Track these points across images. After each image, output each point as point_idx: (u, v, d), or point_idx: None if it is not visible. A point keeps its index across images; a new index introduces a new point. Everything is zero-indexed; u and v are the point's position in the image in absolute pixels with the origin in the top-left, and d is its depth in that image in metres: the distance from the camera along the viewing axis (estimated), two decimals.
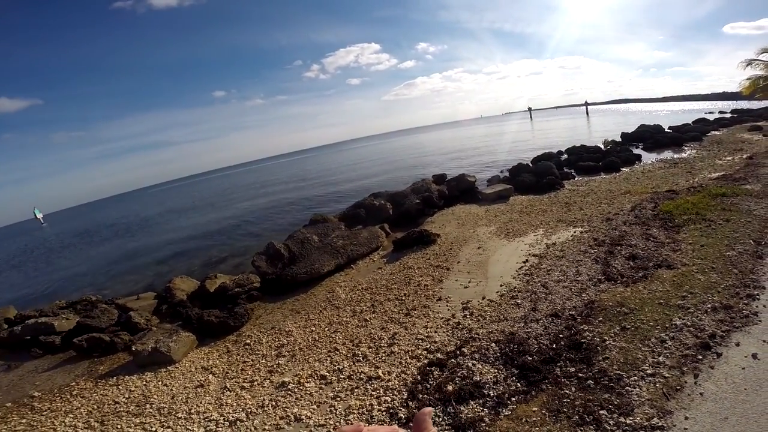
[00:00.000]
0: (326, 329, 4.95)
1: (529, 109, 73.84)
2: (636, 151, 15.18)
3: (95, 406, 4.24)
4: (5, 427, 4.14)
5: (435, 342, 4.07)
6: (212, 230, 16.34)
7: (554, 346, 3.52)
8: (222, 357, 4.81)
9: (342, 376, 3.79)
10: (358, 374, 3.76)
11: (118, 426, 3.75)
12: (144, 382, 4.53)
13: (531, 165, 14.27)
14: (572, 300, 4.31)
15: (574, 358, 3.28)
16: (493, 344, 3.72)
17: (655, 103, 75.84)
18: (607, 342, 3.33)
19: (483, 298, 4.87)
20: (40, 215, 63.61)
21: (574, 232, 6.74)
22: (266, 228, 14.58)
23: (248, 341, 5.09)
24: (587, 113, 59.49)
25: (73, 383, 4.93)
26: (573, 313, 4.02)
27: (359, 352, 4.17)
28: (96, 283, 11.47)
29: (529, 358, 3.38)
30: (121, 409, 4.06)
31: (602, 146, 17.00)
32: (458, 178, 12.33)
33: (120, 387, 4.56)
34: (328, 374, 3.88)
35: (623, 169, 12.42)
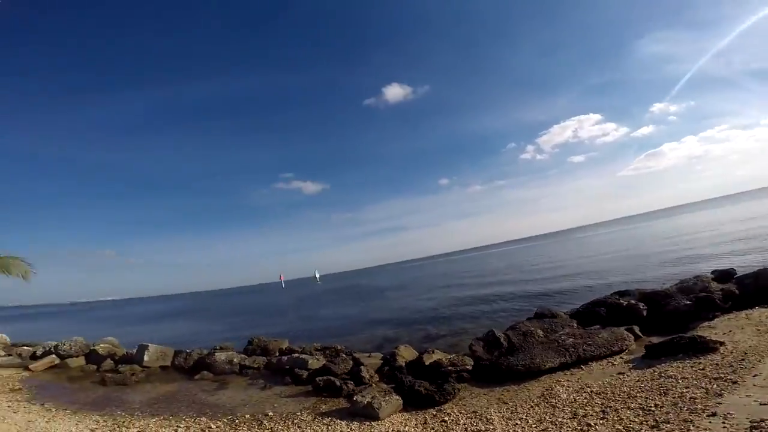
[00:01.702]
0: (534, 427, 4.19)
1: None
2: None
3: None
4: (247, 431, 5.13)
5: None
6: (436, 308, 17.33)
7: None
8: (418, 427, 4.79)
9: None
10: None
11: None
12: (348, 429, 4.86)
13: None
14: None
15: None
16: None
17: None
18: None
19: None
20: (318, 275, 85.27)
21: None
22: (486, 313, 14.34)
23: (446, 418, 4.90)
24: None
25: (298, 413, 5.71)
26: None
27: None
28: (341, 335, 13.75)
29: None
30: None
31: None
32: (758, 274, 8.66)
33: (329, 427, 5.03)
34: None
35: None
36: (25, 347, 13.01)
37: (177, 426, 5.27)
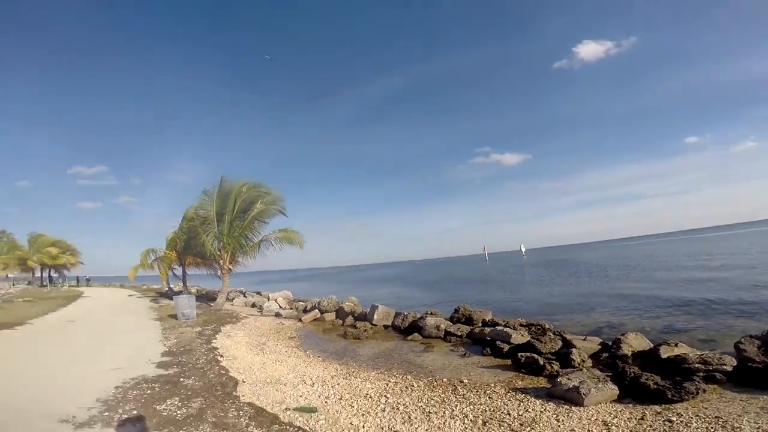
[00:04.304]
0: None
1: None
2: None
3: (492, 408, 4.61)
4: (431, 393, 5.32)
5: None
6: (683, 295, 13.64)
7: None
8: (630, 421, 4.03)
9: None
10: None
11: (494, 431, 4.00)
12: (543, 410, 4.47)
13: None
14: None
15: None
16: None
17: None
18: None
19: None
20: (523, 249, 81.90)
21: None
22: (763, 307, 10.33)
23: (673, 419, 3.95)
24: None
25: (492, 384, 5.58)
26: None
27: None
28: (551, 313, 12.68)
29: None
30: (507, 421, 4.21)
31: None
32: None
33: (521, 404, 4.71)
34: None
35: None
36: (300, 302, 17.88)
37: (389, 380, 6.02)
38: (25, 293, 28.49)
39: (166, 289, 26.78)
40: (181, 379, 5.85)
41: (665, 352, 5.92)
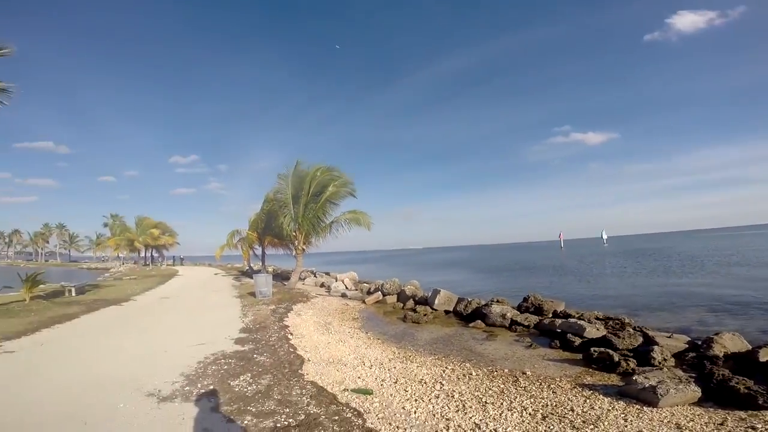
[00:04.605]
0: None
1: None
2: None
3: (554, 403, 4.37)
4: (489, 383, 5.17)
5: None
6: None
7: None
8: (707, 425, 3.64)
9: None
10: None
11: (553, 427, 3.79)
12: (610, 408, 4.18)
13: None
14: None
15: None
16: None
17: None
18: None
19: None
20: (605, 236, 75.32)
21: None
22: None
23: (758, 426, 3.54)
24: None
25: (557, 378, 5.26)
26: None
27: None
28: (633, 307, 11.58)
29: None
30: (569, 417, 3.97)
31: None
32: None
33: (587, 401, 4.42)
34: None
35: None
36: (364, 284, 18.47)
37: (446, 366, 5.98)
38: (131, 272, 33.37)
39: (247, 268, 29.37)
40: (255, 356, 6.40)
41: (765, 356, 5.15)
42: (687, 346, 6.51)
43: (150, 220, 46.11)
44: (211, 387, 4.96)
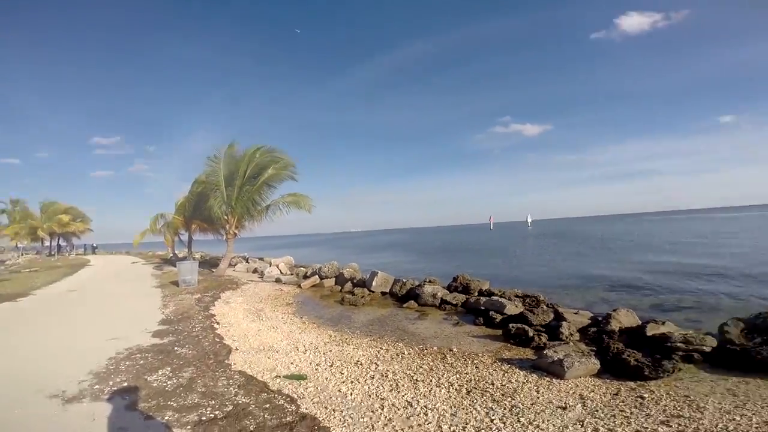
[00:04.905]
0: (757, 427, 3.22)
1: None
2: None
3: (477, 378, 4.72)
4: (420, 361, 5.45)
5: None
6: (684, 274, 13.66)
7: None
8: (605, 396, 4.13)
9: None
10: None
11: (476, 400, 4.09)
12: (525, 381, 4.59)
13: None
14: None
15: None
16: None
17: None
18: None
19: None
20: (530, 220, 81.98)
21: None
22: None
23: (645, 395, 4.05)
24: None
25: (480, 354, 5.67)
26: None
27: None
28: (548, 285, 12.77)
29: None
30: (490, 391, 4.30)
31: None
32: None
33: (505, 374, 4.82)
34: None
35: None
36: (301, 268, 18.13)
37: (380, 347, 6.15)
38: (32, 263, 29.20)
39: (171, 255, 27.30)
40: (175, 348, 6.01)
41: (651, 330, 5.97)
42: (590, 321, 7.34)
43: (59, 206, 40.51)
44: (125, 384, 4.58)
